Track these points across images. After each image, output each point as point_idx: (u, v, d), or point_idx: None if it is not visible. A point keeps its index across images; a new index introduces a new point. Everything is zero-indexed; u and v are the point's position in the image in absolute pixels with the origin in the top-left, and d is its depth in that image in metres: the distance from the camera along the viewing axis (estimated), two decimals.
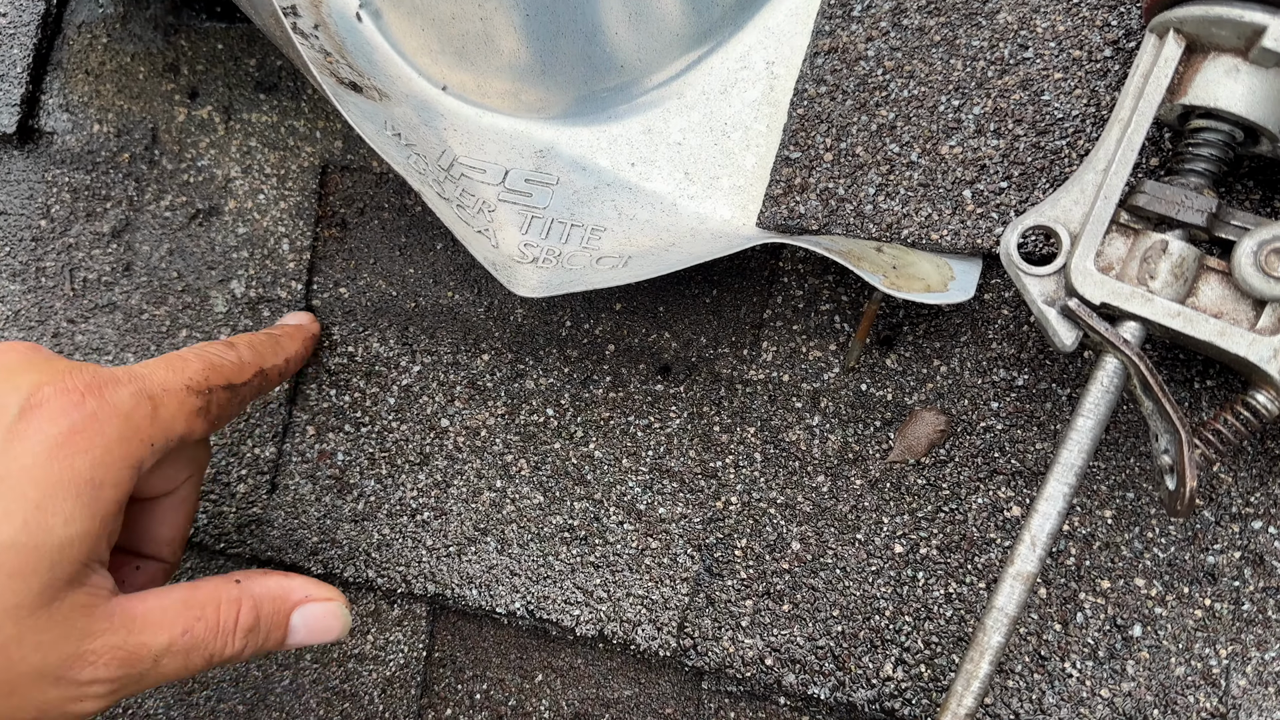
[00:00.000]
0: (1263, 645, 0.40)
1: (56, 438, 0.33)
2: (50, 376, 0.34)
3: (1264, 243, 0.36)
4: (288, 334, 0.48)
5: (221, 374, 0.40)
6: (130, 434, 0.35)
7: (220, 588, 0.37)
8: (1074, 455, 0.37)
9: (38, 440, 0.33)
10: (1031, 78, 0.43)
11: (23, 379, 0.34)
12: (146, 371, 0.37)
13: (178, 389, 0.38)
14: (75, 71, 0.59)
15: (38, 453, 0.32)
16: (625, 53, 0.48)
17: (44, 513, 0.32)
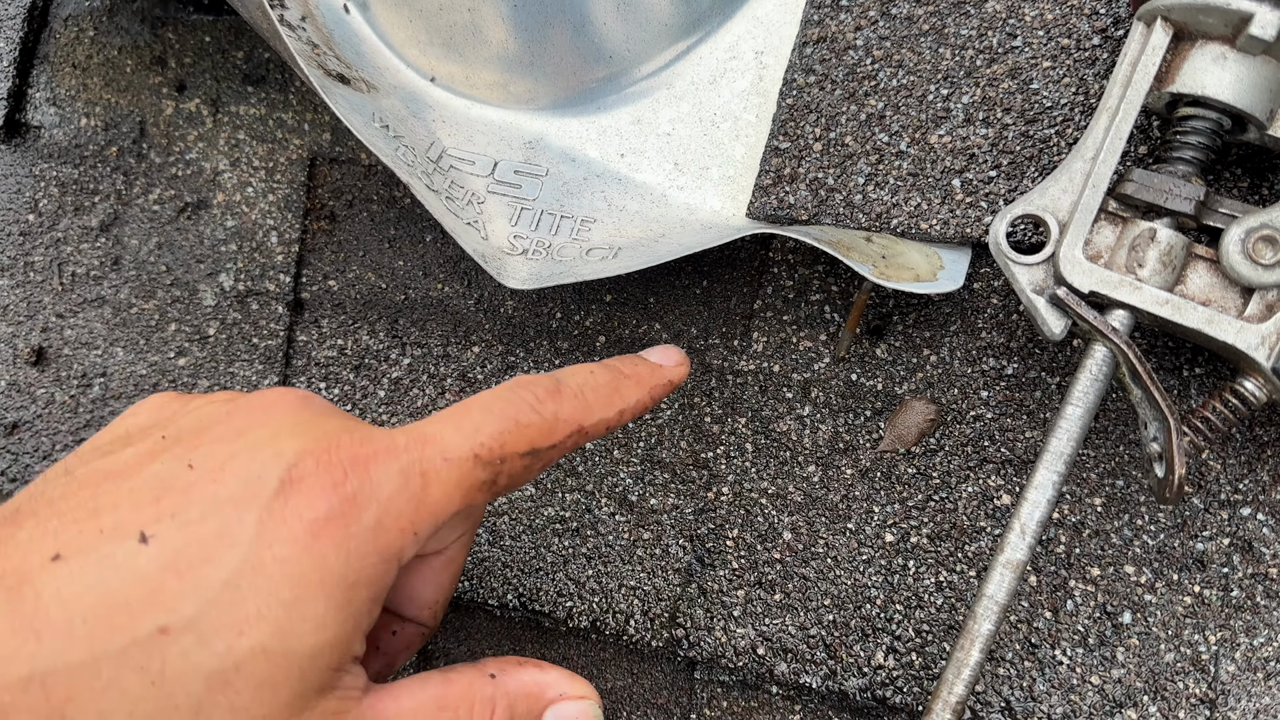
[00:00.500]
0: (1251, 631, 0.41)
1: (312, 525, 0.28)
2: (315, 443, 0.29)
3: (1251, 230, 0.36)
4: (636, 378, 0.37)
5: (524, 437, 0.32)
6: (390, 522, 0.29)
7: (475, 684, 0.32)
8: (1063, 443, 0.37)
9: (294, 526, 0.28)
10: (1020, 66, 0.43)
11: (288, 444, 0.29)
12: (432, 432, 0.31)
13: (462, 458, 0.31)
14: (62, 65, 0.58)
15: (293, 541, 0.28)
16: (614, 43, 0.48)
17: (296, 616, 0.28)
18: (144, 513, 0.28)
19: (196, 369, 0.53)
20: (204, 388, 0.53)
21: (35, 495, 0.30)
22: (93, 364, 0.55)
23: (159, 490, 0.28)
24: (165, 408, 0.34)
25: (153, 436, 0.31)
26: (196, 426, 0.31)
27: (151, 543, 0.27)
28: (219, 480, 0.28)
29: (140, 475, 0.29)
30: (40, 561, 0.27)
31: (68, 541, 0.27)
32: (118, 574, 0.27)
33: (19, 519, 0.29)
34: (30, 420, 0.55)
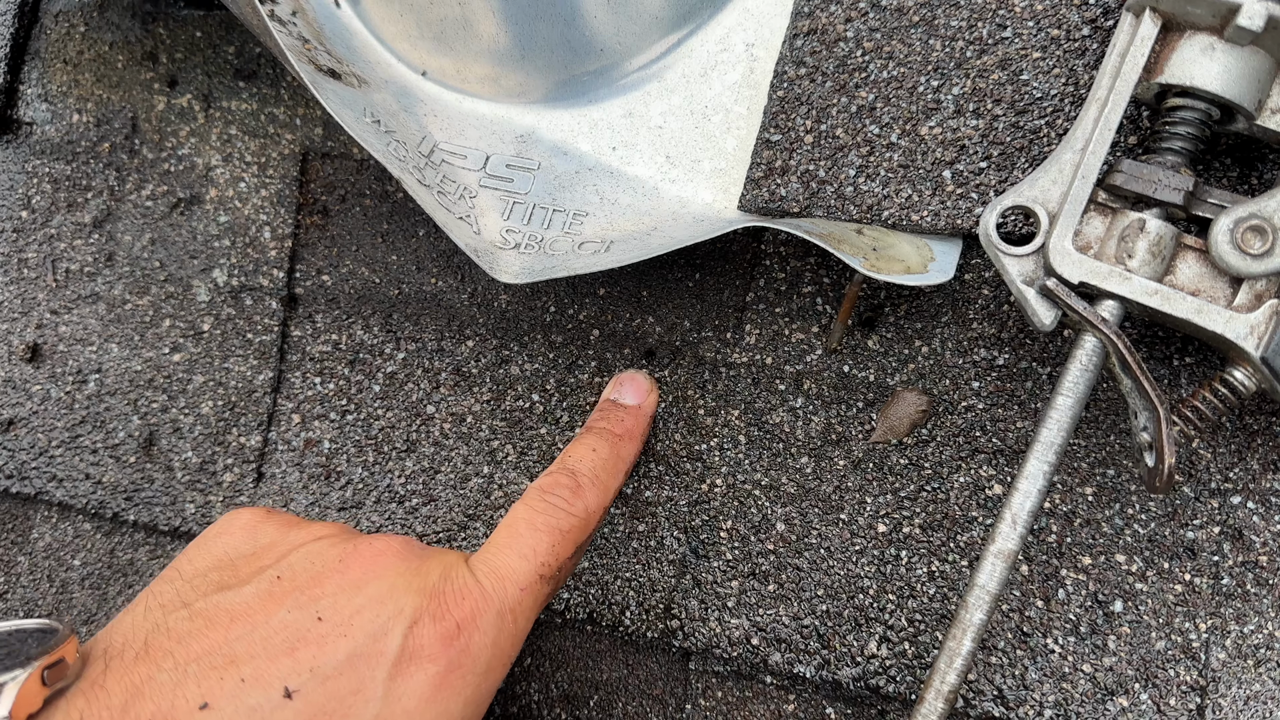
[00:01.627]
0: (1242, 619, 0.41)
1: (435, 679, 0.31)
2: (428, 599, 0.33)
3: (1240, 220, 0.36)
4: (629, 434, 0.43)
5: (569, 540, 0.37)
6: (496, 661, 0.34)
7: None
8: (1054, 433, 0.37)
9: (419, 681, 0.31)
10: (1010, 57, 0.43)
11: (405, 601, 0.33)
12: (502, 565, 0.35)
13: (532, 583, 0.35)
14: (54, 61, 0.58)
15: (419, 696, 0.31)
16: (605, 36, 0.48)
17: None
18: (281, 664, 0.30)
19: (191, 364, 0.54)
20: (199, 383, 0.53)
21: (159, 629, 0.32)
22: (87, 360, 0.55)
23: (293, 641, 0.31)
24: (261, 532, 0.36)
25: (266, 576, 0.34)
26: (312, 572, 0.34)
27: (296, 698, 0.30)
28: (348, 634, 0.31)
29: (270, 623, 0.32)
30: (189, 708, 0.29)
31: (211, 689, 0.29)
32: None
33: (152, 657, 0.30)
34: (26, 417, 0.55)
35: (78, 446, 0.54)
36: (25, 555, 0.55)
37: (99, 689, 0.29)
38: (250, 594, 0.33)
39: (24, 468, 0.55)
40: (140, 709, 0.28)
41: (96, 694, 0.29)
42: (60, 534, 0.55)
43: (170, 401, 0.54)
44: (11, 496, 0.56)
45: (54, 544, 0.55)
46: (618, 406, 0.44)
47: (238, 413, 0.53)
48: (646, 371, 0.46)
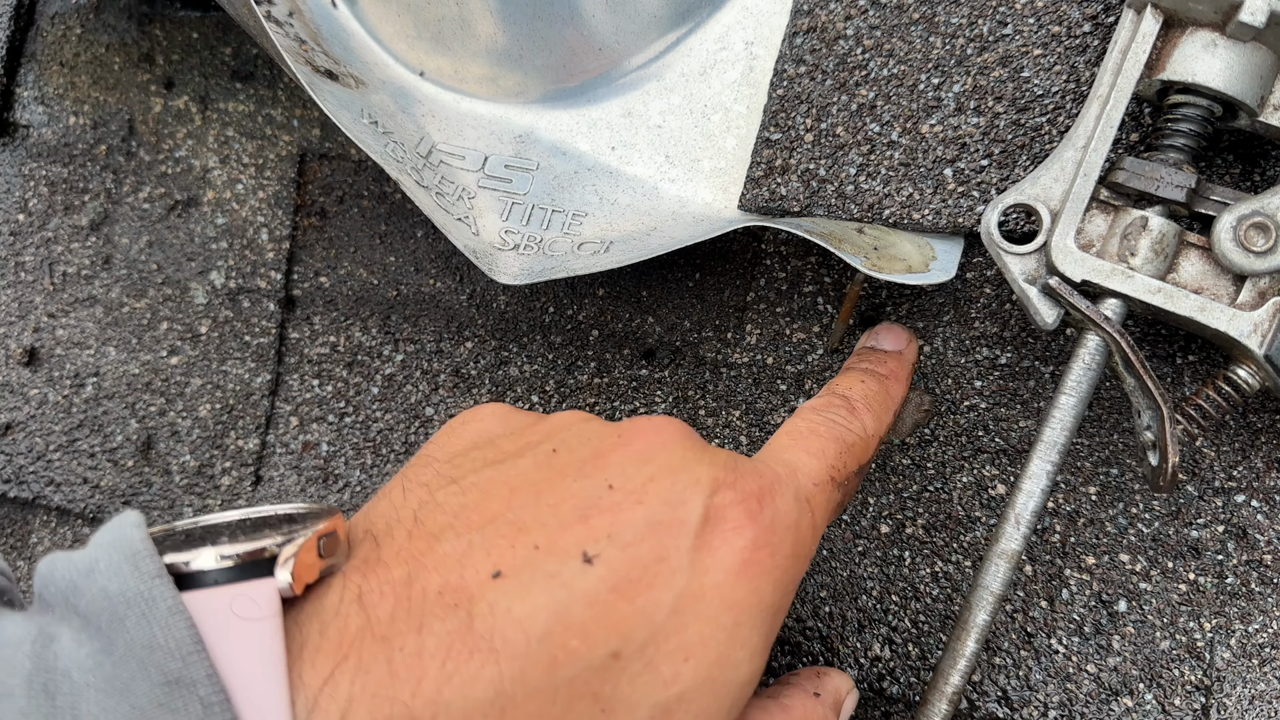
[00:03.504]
0: (1246, 618, 0.41)
1: (743, 553, 0.28)
2: (725, 474, 0.30)
3: (1243, 218, 0.36)
4: (894, 375, 0.39)
5: (854, 455, 0.34)
6: (800, 549, 0.30)
7: (809, 707, 0.33)
8: (1057, 433, 0.37)
9: (726, 554, 0.28)
10: (1011, 54, 0.43)
11: (702, 471, 0.29)
12: (796, 462, 0.32)
13: (824, 481, 0.32)
14: (50, 63, 0.58)
15: (728, 570, 0.28)
16: (603, 35, 0.48)
17: (735, 644, 0.27)
18: (575, 531, 0.27)
19: (189, 367, 0.53)
20: (196, 386, 0.53)
21: (428, 504, 0.29)
22: (85, 364, 0.55)
23: (584, 509, 0.28)
24: (513, 418, 0.34)
25: (540, 449, 0.31)
26: (591, 446, 0.31)
27: (597, 563, 0.26)
28: (645, 502, 0.28)
29: (555, 492, 0.29)
30: (481, 578, 0.26)
31: (502, 557, 0.26)
32: (569, 594, 0.26)
33: (428, 531, 0.28)
34: (24, 421, 0.55)
35: (75, 450, 0.54)
36: (25, 560, 0.55)
37: (375, 564, 0.26)
38: (528, 465, 0.30)
39: (21, 472, 0.55)
40: (426, 582, 0.25)
41: (374, 569, 0.26)
42: (59, 539, 0.55)
43: (168, 405, 0.53)
44: (9, 501, 0.56)
45: (53, 548, 0.55)
46: (876, 351, 0.40)
47: (235, 416, 0.52)
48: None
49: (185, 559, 0.23)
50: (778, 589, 0.29)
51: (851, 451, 0.34)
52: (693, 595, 0.27)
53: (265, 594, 0.23)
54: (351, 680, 0.23)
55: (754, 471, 0.30)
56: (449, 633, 0.24)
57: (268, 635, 0.23)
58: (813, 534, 0.31)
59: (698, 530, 0.28)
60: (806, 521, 0.30)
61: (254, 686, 0.22)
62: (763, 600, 0.28)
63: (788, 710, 0.32)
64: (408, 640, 0.24)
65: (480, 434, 0.32)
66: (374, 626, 0.24)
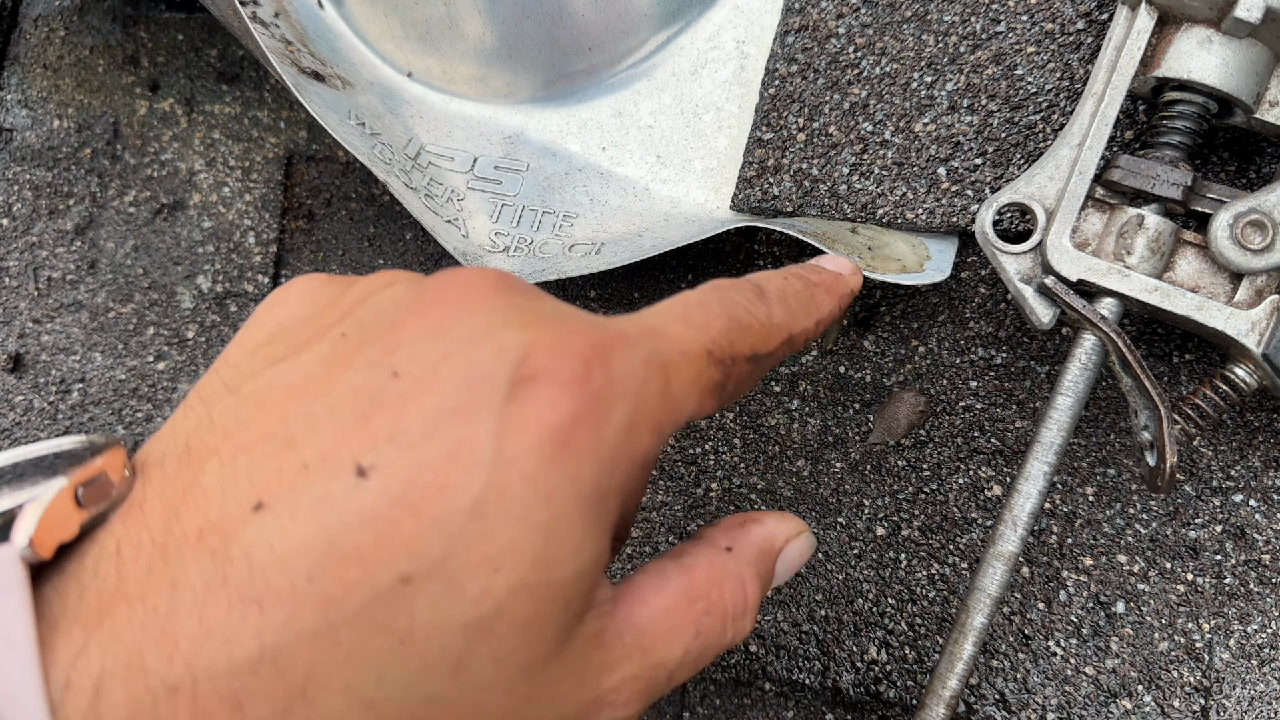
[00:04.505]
0: (1245, 618, 0.40)
1: (559, 431, 0.23)
2: (541, 332, 0.25)
3: (1239, 215, 0.36)
4: (825, 285, 0.35)
5: (747, 338, 0.29)
6: (640, 420, 0.25)
7: (715, 564, 0.29)
8: (1054, 434, 0.37)
9: (538, 434, 0.23)
10: (1004, 52, 0.42)
11: (509, 335, 0.24)
12: (659, 324, 0.27)
13: (697, 354, 0.27)
14: (33, 66, 0.57)
15: (540, 453, 0.23)
16: (593, 34, 0.47)
17: (554, 541, 0.23)
18: (352, 439, 0.23)
19: (176, 373, 0.53)
20: (184, 391, 0.52)
21: (203, 424, 0.25)
22: (71, 369, 0.54)
23: (364, 408, 0.23)
24: (320, 293, 0.28)
25: (329, 335, 0.26)
26: (384, 322, 0.26)
27: (372, 475, 0.22)
28: (435, 388, 0.23)
29: (335, 391, 0.24)
30: (241, 513, 0.22)
31: (267, 484, 0.23)
32: (340, 519, 0.22)
33: (196, 458, 0.24)
34: (8, 428, 0.54)
35: None
36: None
37: (136, 510, 0.23)
38: (309, 360, 0.25)
39: None
40: (185, 525, 0.22)
41: (133, 516, 0.23)
42: None
43: (155, 410, 0.53)
44: None
45: None
46: (818, 265, 0.36)
47: None
48: None
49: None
50: (604, 468, 0.24)
51: (744, 333, 0.29)
52: (497, 493, 0.23)
53: (3, 561, 0.20)
54: (104, 651, 0.21)
55: (588, 327, 0.25)
56: (205, 585, 0.21)
57: (11, 609, 0.20)
58: (661, 403, 0.25)
59: (501, 410, 0.23)
60: (655, 388, 0.25)
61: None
62: (585, 485, 0.24)
63: (688, 571, 0.28)
64: (161, 599, 0.21)
65: (279, 323, 0.28)
66: (128, 585, 0.21)
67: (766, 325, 0.29)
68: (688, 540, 0.30)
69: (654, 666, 0.26)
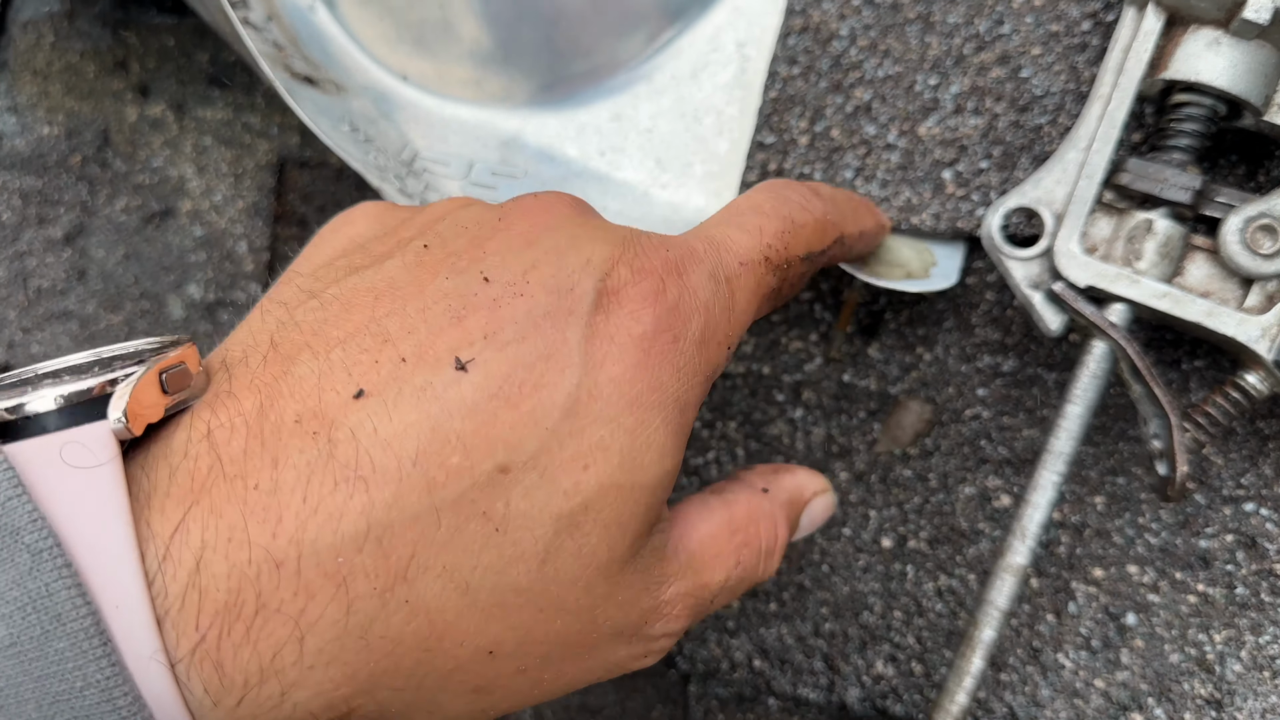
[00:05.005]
0: (1257, 629, 0.40)
1: (642, 341, 0.25)
2: (620, 248, 0.26)
3: (1250, 219, 0.35)
4: (866, 204, 0.36)
5: (802, 238, 0.30)
6: (711, 334, 0.26)
7: (753, 502, 0.30)
8: (1063, 443, 0.36)
9: (624, 342, 0.25)
10: (1009, 54, 0.42)
11: (594, 249, 0.26)
12: (720, 235, 0.28)
13: (755, 262, 0.28)
14: (21, 72, 0.57)
15: (626, 360, 0.24)
16: (590, 37, 0.47)
17: (640, 444, 0.24)
18: (448, 336, 0.24)
19: None
20: None
21: (285, 324, 0.25)
22: None
23: (457, 309, 0.24)
24: (389, 215, 0.30)
25: (411, 246, 0.27)
26: (468, 236, 0.27)
27: (472, 369, 0.23)
28: (526, 294, 0.25)
29: (425, 294, 0.25)
30: (342, 400, 0.23)
31: (365, 375, 0.23)
32: (442, 408, 0.23)
33: (284, 353, 0.24)
34: None
35: None
36: None
37: (226, 397, 0.23)
38: (395, 267, 0.26)
39: None
40: (281, 410, 0.23)
41: (224, 403, 0.23)
42: None
43: None
44: None
45: None
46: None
47: None
48: None
49: (13, 403, 0.21)
50: (682, 378, 0.25)
51: (799, 233, 0.30)
52: (587, 393, 0.24)
53: (98, 437, 0.21)
54: (204, 526, 0.21)
55: (660, 245, 0.27)
56: (308, 464, 0.22)
57: (105, 482, 0.21)
58: (727, 317, 0.27)
59: (588, 318, 0.25)
60: (722, 302, 0.27)
61: (93, 536, 0.20)
62: (667, 393, 0.25)
63: (729, 505, 0.30)
64: (263, 476, 0.22)
65: (350, 239, 0.29)
66: (225, 465, 0.22)
67: (821, 222, 0.31)
68: (725, 479, 0.32)
69: (701, 587, 0.28)
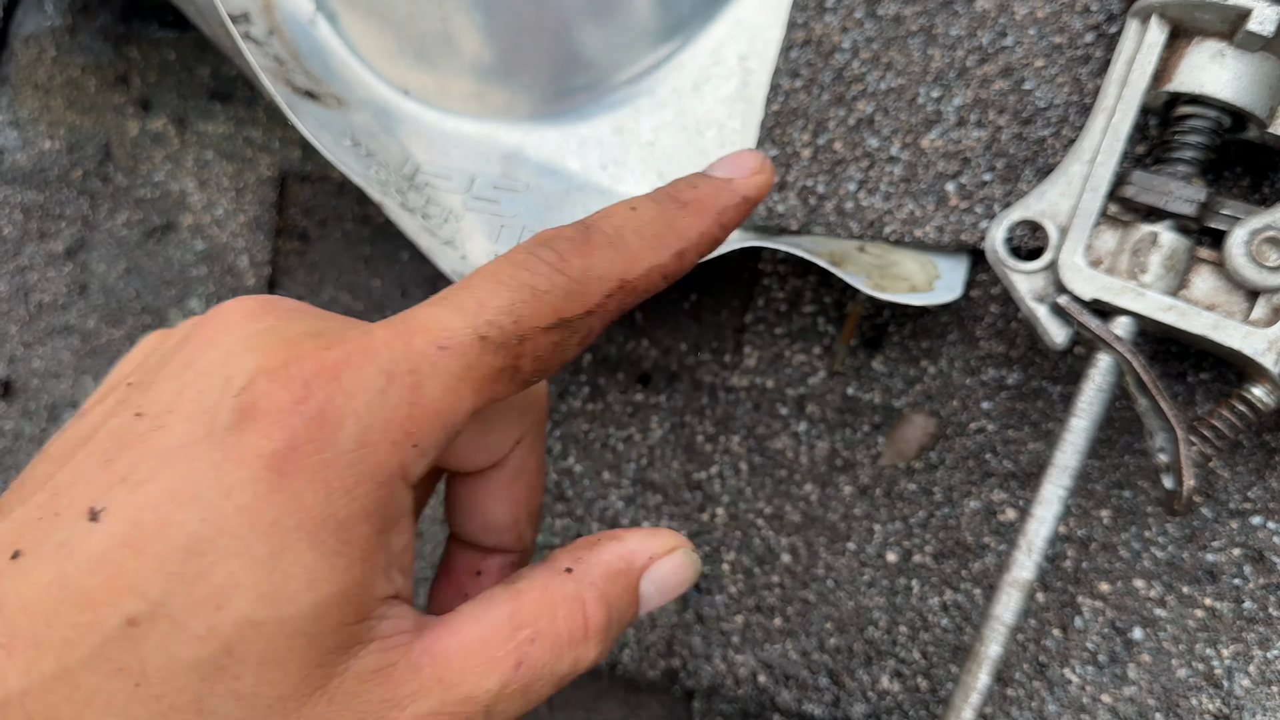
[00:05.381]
0: (1265, 644, 0.39)
1: (274, 460, 0.22)
2: (272, 356, 0.23)
3: (1255, 232, 0.35)
4: (698, 204, 0.29)
5: (546, 305, 0.25)
6: (376, 436, 0.23)
7: (550, 587, 0.26)
8: (1069, 457, 0.36)
9: (254, 464, 0.22)
10: (1012, 66, 0.41)
11: (239, 363, 0.23)
12: (423, 317, 0.25)
13: (464, 343, 0.24)
14: (23, 86, 0.57)
15: (256, 483, 0.22)
16: (592, 50, 0.46)
17: (279, 575, 0.22)
18: (96, 482, 0.23)
19: None
20: None
21: (17, 483, 0.25)
22: (61, 395, 0.53)
23: (111, 451, 0.23)
24: (148, 343, 0.28)
25: (120, 386, 0.26)
26: (154, 365, 0.25)
27: (103, 518, 0.22)
28: (166, 425, 0.23)
29: (94, 437, 0.24)
30: (3, 562, 0.23)
31: (24, 532, 0.23)
32: (74, 563, 0.22)
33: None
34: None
35: None
36: None
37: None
38: (97, 412, 0.25)
39: None
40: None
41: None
42: None
43: None
44: None
45: None
46: (700, 175, 0.31)
47: None
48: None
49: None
50: (335, 494, 0.23)
51: (544, 300, 0.25)
52: (214, 528, 0.22)
53: None
54: None
55: (323, 345, 0.24)
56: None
57: None
58: (408, 412, 0.24)
59: (222, 442, 0.22)
60: (398, 397, 0.24)
61: None
62: (312, 513, 0.23)
63: (516, 596, 0.26)
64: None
65: (117, 376, 0.28)
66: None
67: (578, 285, 0.26)
68: (532, 563, 0.28)
69: (461, 701, 0.25)
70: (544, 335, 0.25)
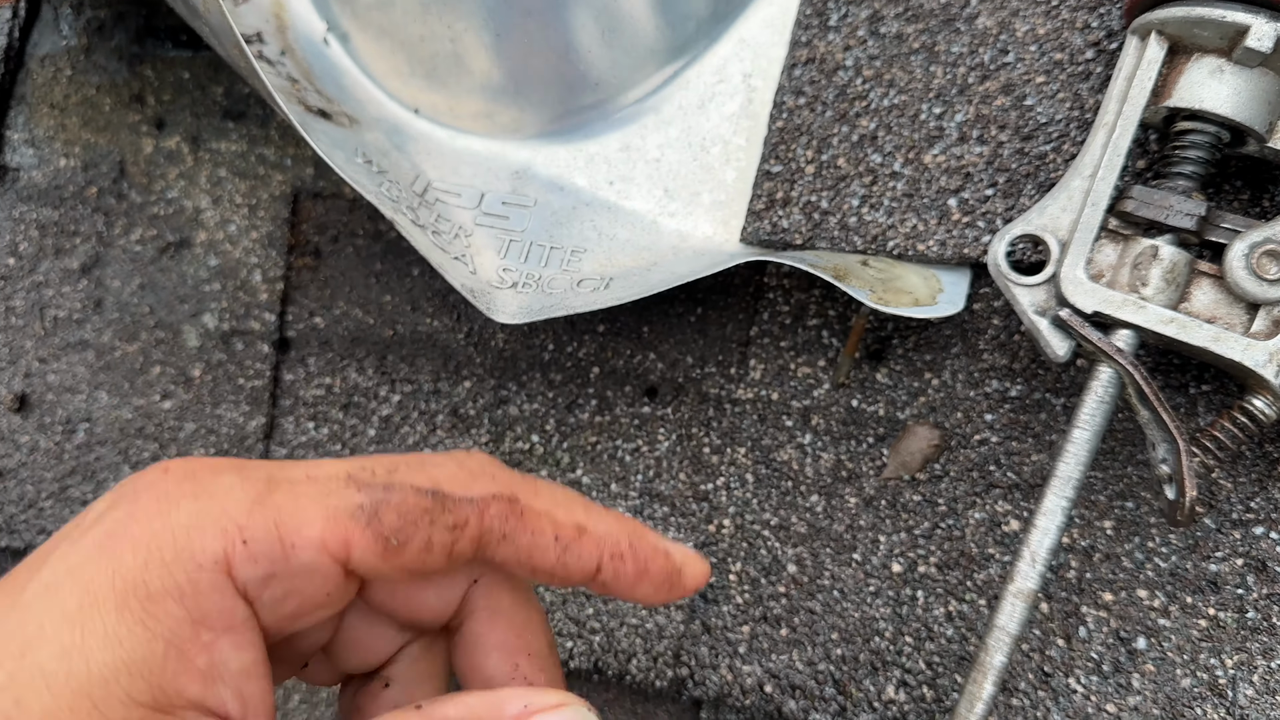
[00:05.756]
0: (1269, 653, 0.40)
1: (112, 527, 0.23)
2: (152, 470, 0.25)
3: (1255, 245, 0.35)
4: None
5: (426, 473, 0.26)
6: (210, 522, 0.24)
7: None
8: (1071, 468, 0.36)
9: (94, 533, 0.24)
10: (1013, 82, 0.42)
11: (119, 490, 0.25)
12: (309, 463, 0.26)
13: (330, 476, 0.25)
14: (39, 105, 0.58)
15: (88, 548, 0.23)
16: (599, 70, 0.47)
17: (79, 630, 0.22)
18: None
19: (182, 412, 0.52)
20: (190, 431, 0.52)
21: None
22: (77, 409, 0.54)
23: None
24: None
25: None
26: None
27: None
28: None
29: None
30: None
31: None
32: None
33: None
34: (14, 469, 0.54)
35: (67, 498, 0.53)
36: None
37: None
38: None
39: (13, 521, 0.53)
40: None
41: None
42: None
43: (161, 450, 0.52)
44: (0, 551, 0.55)
45: None
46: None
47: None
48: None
49: None
50: (152, 563, 0.23)
51: (426, 469, 0.26)
52: (43, 587, 0.24)
53: None
54: None
55: (206, 462, 0.25)
56: None
57: None
58: (252, 512, 0.24)
59: (86, 527, 0.24)
60: (245, 496, 0.24)
61: None
62: (125, 576, 0.23)
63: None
64: None
65: None
66: None
67: (469, 474, 0.26)
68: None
69: None
70: (413, 495, 0.25)
